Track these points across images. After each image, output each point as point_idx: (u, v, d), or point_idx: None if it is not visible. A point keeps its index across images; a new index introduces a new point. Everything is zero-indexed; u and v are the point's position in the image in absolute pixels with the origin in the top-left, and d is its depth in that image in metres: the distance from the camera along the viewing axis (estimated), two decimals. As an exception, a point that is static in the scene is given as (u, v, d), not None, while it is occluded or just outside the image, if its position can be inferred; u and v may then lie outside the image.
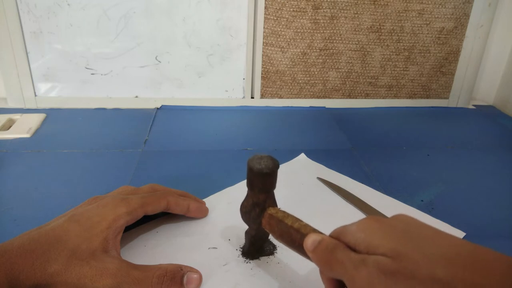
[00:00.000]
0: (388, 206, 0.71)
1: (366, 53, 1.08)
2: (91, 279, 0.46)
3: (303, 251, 0.46)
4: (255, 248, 0.58)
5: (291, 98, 1.11)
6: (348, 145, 0.93)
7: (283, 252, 0.58)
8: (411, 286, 0.35)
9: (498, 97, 1.22)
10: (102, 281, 0.46)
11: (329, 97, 1.12)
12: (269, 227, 0.52)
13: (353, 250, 0.41)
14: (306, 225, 0.48)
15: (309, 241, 0.45)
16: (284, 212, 0.51)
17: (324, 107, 1.12)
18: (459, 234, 0.65)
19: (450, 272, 0.34)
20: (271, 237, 0.60)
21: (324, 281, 0.45)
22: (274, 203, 0.54)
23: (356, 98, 1.14)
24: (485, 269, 0.34)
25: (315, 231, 0.47)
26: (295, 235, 0.47)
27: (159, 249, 0.58)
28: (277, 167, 0.52)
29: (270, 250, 0.59)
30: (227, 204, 0.69)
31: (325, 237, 0.45)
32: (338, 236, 0.44)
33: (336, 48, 1.07)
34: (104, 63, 1.02)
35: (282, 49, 1.05)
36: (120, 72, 1.04)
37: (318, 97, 1.12)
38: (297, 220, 0.49)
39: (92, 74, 1.03)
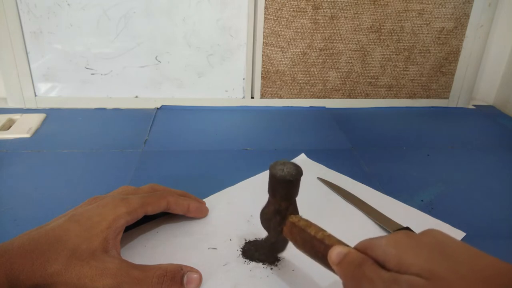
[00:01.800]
0: (388, 206, 0.71)
1: (366, 53, 1.08)
2: (91, 279, 0.46)
3: (327, 263, 0.44)
4: (274, 255, 0.57)
5: (291, 98, 1.11)
6: (348, 145, 0.93)
7: (286, 261, 0.58)
8: None
9: (498, 97, 1.22)
10: (102, 281, 0.46)
11: (329, 97, 1.12)
12: (290, 236, 0.50)
13: (382, 266, 0.39)
14: (330, 236, 0.46)
15: (334, 253, 0.43)
16: (306, 220, 0.50)
17: (324, 107, 1.12)
18: (459, 234, 0.65)
19: None
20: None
21: None
22: (296, 211, 0.53)
23: (356, 98, 1.14)
24: None
25: (339, 242, 0.45)
26: (318, 245, 0.46)
27: (159, 249, 0.58)
28: (301, 174, 0.51)
29: (271, 261, 0.58)
30: (227, 204, 0.69)
31: (352, 250, 0.43)
32: (365, 249, 0.42)
33: (336, 48, 1.07)
34: (104, 63, 1.02)
35: (282, 49, 1.05)
36: (120, 72, 1.03)
37: (318, 97, 1.12)
38: (321, 229, 0.48)
39: (92, 74, 1.03)
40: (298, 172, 0.50)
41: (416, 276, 0.36)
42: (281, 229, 0.52)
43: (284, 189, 0.50)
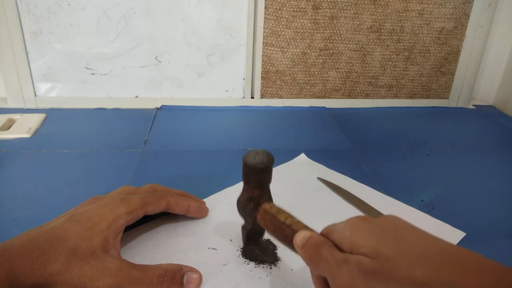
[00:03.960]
0: (388, 206, 0.71)
1: (366, 53, 1.08)
2: (91, 278, 0.46)
3: (294, 247, 0.47)
4: (253, 242, 0.58)
5: (291, 98, 1.11)
6: (348, 145, 0.93)
7: (286, 261, 0.58)
8: (390, 286, 0.36)
9: (498, 97, 1.22)
10: (102, 281, 0.46)
11: (329, 97, 1.12)
12: (263, 222, 0.52)
13: (339, 248, 0.42)
14: (298, 222, 0.49)
15: (299, 237, 0.46)
16: (278, 208, 0.52)
17: (324, 107, 1.12)
18: (459, 234, 0.65)
19: (428, 273, 0.35)
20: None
21: (313, 278, 0.45)
22: (269, 199, 0.54)
23: (356, 98, 1.14)
24: (462, 270, 0.35)
25: (306, 228, 0.47)
26: (287, 231, 0.48)
27: (159, 249, 0.58)
28: (272, 162, 0.52)
29: (271, 261, 0.58)
30: (227, 204, 0.69)
31: (314, 234, 0.45)
32: (327, 233, 0.44)
33: (336, 48, 1.07)
34: (104, 63, 1.02)
35: (282, 49, 1.05)
36: (120, 72, 1.04)
37: (318, 97, 1.12)
38: (290, 216, 0.50)
39: (92, 74, 1.03)
40: (269, 160, 0.52)
41: (365, 256, 0.38)
42: (255, 216, 0.53)
43: (256, 176, 0.52)
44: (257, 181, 0.52)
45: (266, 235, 0.58)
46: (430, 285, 0.34)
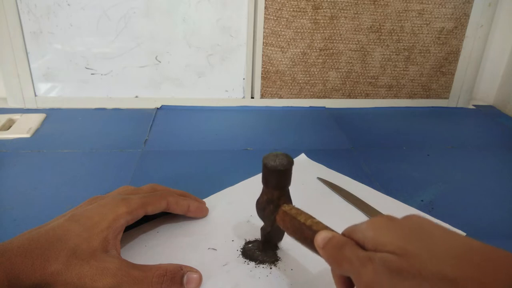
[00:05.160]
0: (388, 206, 0.71)
1: (366, 53, 1.08)
2: (91, 278, 0.46)
3: (315, 248, 0.46)
4: (270, 245, 0.58)
5: (291, 98, 1.11)
6: (348, 145, 0.93)
7: (286, 261, 0.58)
8: (417, 283, 0.35)
9: (498, 97, 1.22)
10: (102, 281, 0.46)
11: (329, 97, 1.13)
12: (282, 224, 0.52)
13: (362, 248, 0.41)
14: (319, 223, 0.48)
15: (320, 237, 0.45)
16: (298, 209, 0.52)
17: (324, 107, 1.12)
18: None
19: (458, 270, 0.34)
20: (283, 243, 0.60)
21: (335, 279, 0.45)
22: (289, 200, 0.55)
23: (356, 98, 1.14)
24: (492, 267, 0.34)
25: (327, 228, 0.47)
26: (307, 232, 0.48)
27: (159, 249, 0.58)
28: (291, 164, 0.52)
29: (271, 261, 0.58)
30: (227, 204, 0.69)
31: (336, 234, 0.45)
32: (349, 234, 0.44)
33: (336, 48, 1.07)
34: (104, 63, 1.02)
35: (282, 49, 1.05)
36: (120, 72, 1.04)
37: (318, 97, 1.12)
38: (310, 217, 0.49)
39: (92, 74, 1.03)
40: (289, 162, 0.52)
41: (390, 253, 0.37)
42: (274, 217, 0.53)
43: (276, 178, 0.52)
44: (276, 183, 0.53)
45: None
46: (459, 282, 0.33)
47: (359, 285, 0.40)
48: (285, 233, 0.54)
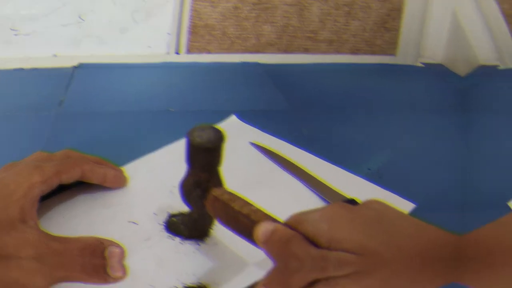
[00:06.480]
0: (332, 175, 0.71)
1: (303, 7, 1.09)
2: (14, 248, 0.46)
3: (255, 241, 0.44)
4: (199, 233, 0.57)
5: (220, 52, 1.10)
6: (285, 105, 0.93)
7: (215, 236, 0.58)
8: (378, 285, 0.35)
9: (447, 55, 1.25)
10: (25, 252, 0.46)
11: (264, 52, 1.12)
12: (214, 212, 0.50)
13: (313, 242, 0.39)
14: (257, 210, 0.46)
15: (260, 230, 0.43)
16: (231, 193, 0.49)
17: (258, 62, 1.12)
18: (409, 206, 0.66)
19: (421, 264, 0.35)
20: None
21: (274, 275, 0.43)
22: (219, 183, 0.52)
23: (293, 52, 1.14)
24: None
25: (267, 217, 0.45)
26: (245, 222, 0.45)
27: (76, 221, 0.58)
28: (222, 140, 0.49)
29: (198, 235, 0.57)
30: (147, 172, 0.69)
31: (279, 226, 0.42)
32: (296, 224, 0.42)
33: (271, 2, 1.07)
34: (28, 24, 1.03)
35: (212, 3, 1.05)
36: (43, 32, 1.04)
37: (251, 51, 1.12)
38: (247, 203, 0.47)
39: (15, 35, 1.03)
40: (219, 138, 0.49)
41: (347, 251, 0.36)
42: (203, 203, 0.51)
43: (203, 158, 0.50)
44: (204, 163, 0.50)
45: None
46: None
47: None
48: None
